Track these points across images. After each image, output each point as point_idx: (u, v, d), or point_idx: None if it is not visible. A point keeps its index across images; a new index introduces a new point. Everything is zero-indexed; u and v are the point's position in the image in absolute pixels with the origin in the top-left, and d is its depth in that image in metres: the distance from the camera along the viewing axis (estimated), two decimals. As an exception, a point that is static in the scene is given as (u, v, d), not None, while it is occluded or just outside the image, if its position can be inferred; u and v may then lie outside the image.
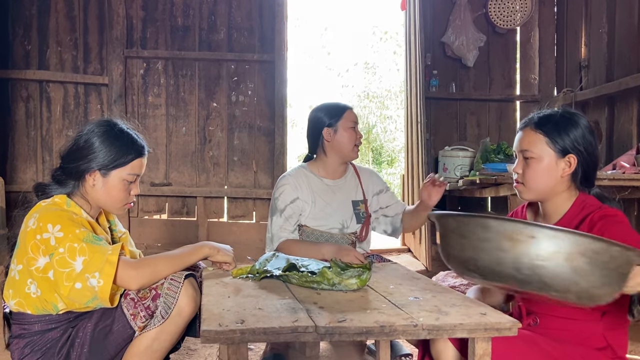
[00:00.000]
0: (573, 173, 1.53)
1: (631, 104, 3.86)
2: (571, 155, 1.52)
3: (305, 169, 2.47)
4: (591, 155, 1.54)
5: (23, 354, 1.59)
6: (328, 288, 1.55)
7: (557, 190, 1.55)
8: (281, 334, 1.20)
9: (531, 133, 1.55)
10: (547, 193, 1.55)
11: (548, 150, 1.53)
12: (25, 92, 4.93)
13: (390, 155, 11.05)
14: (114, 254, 1.53)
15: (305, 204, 2.37)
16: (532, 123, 1.57)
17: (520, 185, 1.58)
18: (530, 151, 1.54)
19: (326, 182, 2.44)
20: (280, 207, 2.36)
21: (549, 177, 1.53)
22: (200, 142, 5.06)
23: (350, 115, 2.42)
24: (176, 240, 4.89)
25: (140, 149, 1.75)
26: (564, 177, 1.54)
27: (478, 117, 5.11)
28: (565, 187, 1.55)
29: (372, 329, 1.21)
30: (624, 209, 4.05)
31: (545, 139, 1.53)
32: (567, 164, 1.53)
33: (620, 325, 1.48)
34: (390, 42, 11.50)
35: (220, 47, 5.01)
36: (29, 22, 4.90)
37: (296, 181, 2.40)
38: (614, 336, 1.47)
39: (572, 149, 1.52)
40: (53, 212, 1.58)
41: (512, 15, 4.90)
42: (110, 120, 1.75)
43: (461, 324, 1.23)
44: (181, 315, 1.59)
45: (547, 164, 1.52)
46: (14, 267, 1.60)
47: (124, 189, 1.72)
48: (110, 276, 1.51)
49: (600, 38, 4.26)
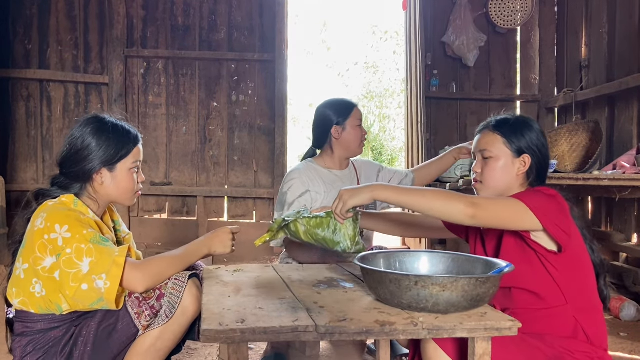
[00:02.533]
0: (527, 172, 1.63)
1: (632, 104, 3.86)
2: (526, 155, 1.62)
3: (313, 163, 2.51)
4: (544, 156, 1.65)
5: (25, 352, 1.59)
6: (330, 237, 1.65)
7: (512, 188, 1.63)
8: (281, 334, 1.20)
9: (490, 134, 1.66)
10: (503, 190, 1.63)
11: (505, 150, 1.63)
12: (25, 92, 4.93)
13: (391, 154, 11.06)
14: (121, 255, 1.53)
15: (317, 195, 2.40)
16: (491, 125, 1.68)
17: (479, 184, 1.68)
18: (488, 151, 1.64)
19: (335, 172, 2.50)
20: (289, 200, 2.38)
21: (505, 175, 1.63)
22: (201, 142, 5.06)
23: (357, 113, 2.50)
24: (176, 239, 4.90)
25: (136, 136, 1.77)
26: (519, 175, 1.63)
27: (478, 117, 5.10)
28: (519, 185, 1.64)
29: (372, 329, 1.22)
30: (624, 209, 4.03)
31: (503, 139, 1.63)
32: (522, 163, 1.62)
33: (591, 309, 1.52)
34: (390, 41, 11.50)
35: (220, 47, 5.01)
36: (30, 21, 4.91)
37: (306, 175, 2.44)
38: (585, 319, 1.50)
39: (527, 149, 1.62)
40: (61, 212, 1.57)
41: (512, 15, 4.90)
42: (98, 116, 1.75)
43: (461, 324, 1.23)
44: (185, 314, 1.59)
45: (504, 163, 1.63)
46: (20, 265, 1.60)
47: (131, 178, 1.74)
48: (117, 278, 1.50)
49: (600, 38, 4.26)
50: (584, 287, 1.53)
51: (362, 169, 2.61)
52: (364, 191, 1.54)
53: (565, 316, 1.51)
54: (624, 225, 3.95)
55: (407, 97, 5.23)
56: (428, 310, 1.28)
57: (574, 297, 1.51)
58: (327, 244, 1.68)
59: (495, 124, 1.68)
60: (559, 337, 1.49)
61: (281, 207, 2.40)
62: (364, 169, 2.62)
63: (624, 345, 2.73)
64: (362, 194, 1.54)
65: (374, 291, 1.39)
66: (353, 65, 11.79)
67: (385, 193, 1.51)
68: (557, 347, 1.46)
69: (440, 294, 1.25)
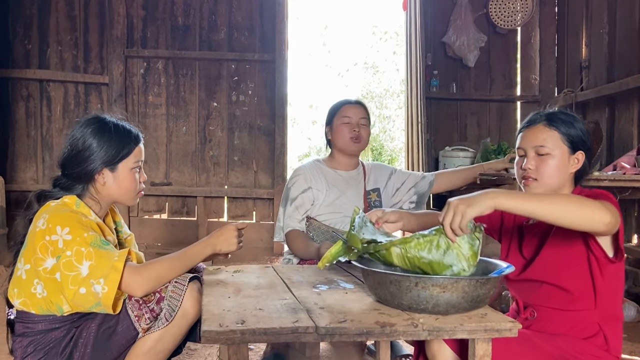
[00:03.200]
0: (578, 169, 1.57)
1: (632, 105, 3.85)
2: (580, 152, 1.56)
3: (320, 162, 2.55)
4: (591, 153, 1.60)
5: (26, 352, 1.59)
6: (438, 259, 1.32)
7: (565, 186, 1.58)
8: (282, 335, 1.19)
9: (545, 129, 1.57)
10: (557, 188, 1.57)
11: (563, 146, 1.56)
12: (25, 92, 4.93)
13: (391, 154, 11.06)
14: (120, 260, 1.52)
15: (318, 192, 2.43)
16: (544, 120, 1.59)
17: (533, 181, 1.58)
18: (545, 147, 1.55)
19: (340, 173, 2.51)
20: (292, 195, 2.43)
21: (562, 173, 1.56)
22: (201, 142, 5.06)
23: (345, 110, 2.48)
24: (176, 239, 4.89)
25: (137, 136, 1.76)
26: (571, 173, 1.58)
27: (478, 117, 5.10)
28: (570, 183, 1.60)
29: (373, 330, 1.21)
30: (625, 211, 4.03)
31: (560, 135, 1.56)
32: (576, 160, 1.57)
33: (615, 318, 1.51)
34: (390, 42, 11.50)
35: (220, 47, 5.01)
36: (30, 21, 4.90)
37: (310, 172, 2.47)
38: (609, 327, 1.49)
39: (581, 146, 1.57)
40: (62, 214, 1.57)
41: (512, 16, 4.89)
42: (99, 117, 1.74)
43: (461, 325, 1.23)
44: (185, 317, 1.58)
45: (560, 159, 1.55)
46: (21, 266, 1.59)
47: (133, 178, 1.74)
48: (115, 283, 1.50)
49: (601, 38, 4.26)
50: (615, 296, 1.51)
51: (372, 171, 2.59)
52: (483, 199, 1.30)
53: (589, 320, 1.49)
54: (624, 226, 3.94)
55: (407, 97, 5.22)
56: (428, 312, 1.28)
57: (604, 304, 1.49)
58: (433, 268, 1.33)
59: (549, 118, 1.59)
60: (575, 337, 1.48)
61: (285, 201, 2.46)
62: (374, 171, 2.60)
63: (624, 346, 2.73)
64: (482, 202, 1.29)
65: (374, 292, 1.38)
66: (353, 66, 11.80)
67: (508, 200, 1.30)
68: (566, 349, 1.45)
69: (441, 295, 1.24)
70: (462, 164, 4.52)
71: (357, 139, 2.44)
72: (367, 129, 2.50)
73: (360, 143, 2.47)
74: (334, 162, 2.53)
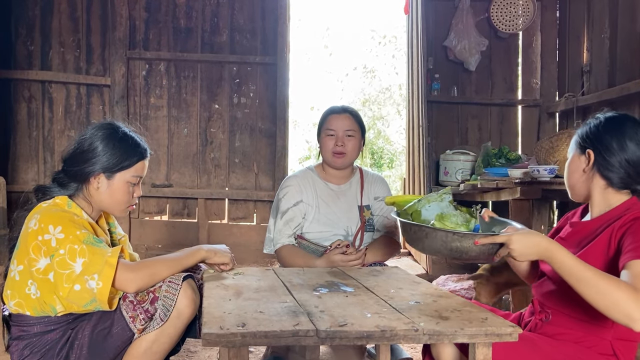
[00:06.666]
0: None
1: (633, 110, 3.86)
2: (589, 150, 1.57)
3: (312, 171, 2.46)
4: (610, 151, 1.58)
5: (22, 355, 1.59)
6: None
7: (587, 188, 1.59)
8: (282, 338, 1.20)
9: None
10: (580, 190, 1.61)
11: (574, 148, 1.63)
12: (27, 93, 4.93)
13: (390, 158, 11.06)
14: (114, 256, 1.54)
15: (309, 207, 2.36)
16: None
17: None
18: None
19: (331, 186, 2.42)
20: (282, 209, 2.36)
21: (575, 174, 1.62)
22: (202, 144, 5.06)
23: (329, 122, 2.35)
24: (177, 241, 4.89)
25: (143, 152, 1.76)
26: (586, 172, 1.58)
27: (479, 121, 5.11)
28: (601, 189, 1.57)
29: (373, 333, 1.22)
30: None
31: (575, 138, 1.63)
32: (586, 158, 1.57)
33: (632, 338, 1.48)
34: (389, 46, 11.50)
35: (222, 49, 5.02)
36: (32, 22, 4.91)
37: (301, 183, 2.39)
38: (623, 347, 1.47)
39: (589, 143, 1.58)
40: (54, 214, 1.58)
41: (514, 20, 4.90)
42: (113, 123, 1.76)
43: (462, 329, 1.24)
44: (180, 317, 1.59)
45: (571, 161, 1.63)
46: (14, 267, 1.60)
47: (127, 191, 1.73)
48: (109, 278, 1.51)
49: (602, 43, 4.26)
50: None
51: (372, 185, 2.45)
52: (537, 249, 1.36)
53: (601, 336, 1.47)
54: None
55: (409, 100, 5.23)
56: (420, 250, 1.55)
57: (622, 326, 1.42)
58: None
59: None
60: (585, 347, 1.46)
61: (276, 212, 2.39)
62: (373, 186, 2.45)
63: None
64: (534, 251, 1.36)
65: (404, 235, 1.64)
66: (352, 70, 11.80)
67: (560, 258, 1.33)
68: (572, 357, 1.43)
69: (426, 239, 1.50)
70: (463, 167, 4.53)
71: (339, 154, 2.32)
72: (353, 140, 2.34)
73: (343, 158, 2.33)
74: (325, 174, 2.43)
